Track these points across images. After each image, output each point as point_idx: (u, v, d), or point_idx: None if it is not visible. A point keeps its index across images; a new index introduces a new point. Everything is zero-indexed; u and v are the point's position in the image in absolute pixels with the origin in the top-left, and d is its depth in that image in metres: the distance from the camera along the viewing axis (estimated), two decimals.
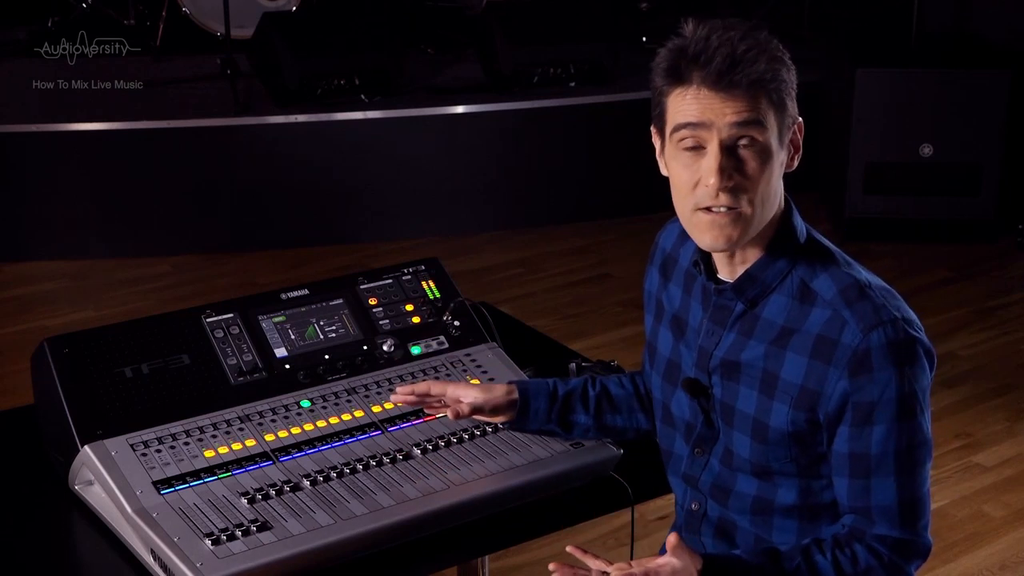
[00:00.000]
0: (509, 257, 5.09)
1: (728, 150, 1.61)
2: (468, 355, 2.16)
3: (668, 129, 1.66)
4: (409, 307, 2.20)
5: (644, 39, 6.10)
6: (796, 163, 1.70)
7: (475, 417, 1.96)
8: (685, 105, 1.62)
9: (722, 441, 1.76)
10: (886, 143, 5.05)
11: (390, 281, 2.22)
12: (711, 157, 1.61)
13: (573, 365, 2.22)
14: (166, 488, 1.81)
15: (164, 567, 1.69)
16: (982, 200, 5.09)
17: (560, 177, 5.45)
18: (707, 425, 1.77)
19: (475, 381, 2.10)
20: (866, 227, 5.08)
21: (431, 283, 2.24)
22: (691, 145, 1.63)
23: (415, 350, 2.14)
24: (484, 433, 1.99)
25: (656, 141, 1.72)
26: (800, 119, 1.69)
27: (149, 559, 1.73)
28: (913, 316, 1.67)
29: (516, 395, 1.94)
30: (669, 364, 1.84)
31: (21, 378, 2.43)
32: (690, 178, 1.64)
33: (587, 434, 1.97)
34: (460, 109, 5.25)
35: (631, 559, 1.99)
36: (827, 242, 1.74)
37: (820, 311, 1.65)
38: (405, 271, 2.24)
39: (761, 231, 1.68)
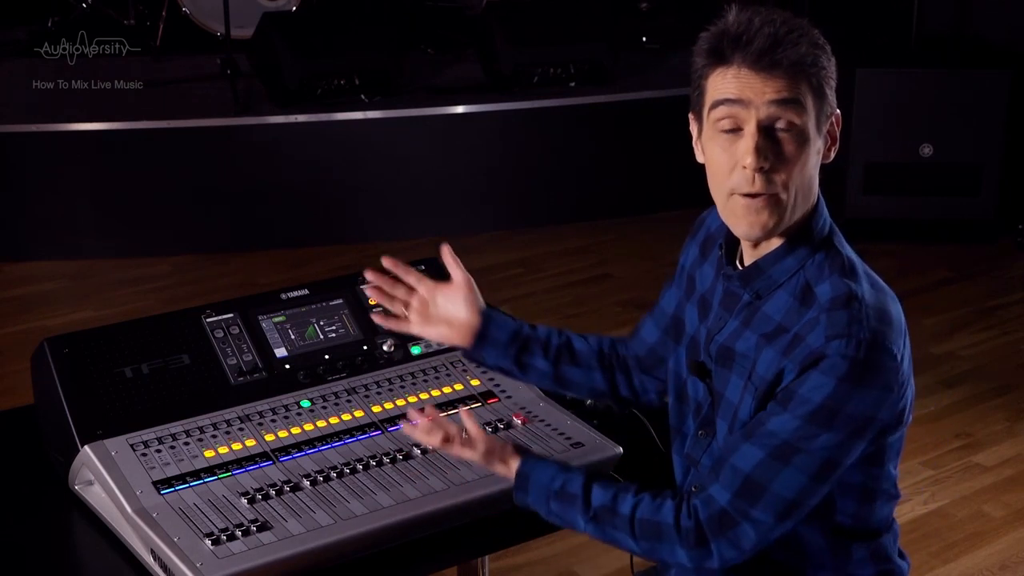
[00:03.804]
0: (509, 257, 5.09)
1: (766, 131, 1.60)
2: None
3: (706, 108, 1.64)
4: None
5: (644, 39, 6.10)
6: (832, 155, 1.70)
7: (427, 333, 1.97)
8: (725, 84, 1.61)
9: None
10: (886, 143, 5.05)
11: None
12: (748, 137, 1.60)
13: None
14: (166, 488, 1.81)
15: (164, 567, 1.69)
16: (982, 200, 5.10)
17: (560, 177, 5.45)
18: (713, 408, 1.77)
19: (476, 382, 2.10)
20: (866, 227, 5.08)
21: None
22: (729, 127, 1.62)
23: (415, 350, 2.14)
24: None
25: (693, 127, 1.71)
26: (838, 111, 1.69)
27: (149, 559, 1.73)
28: (894, 347, 1.59)
29: (480, 317, 1.94)
30: (692, 342, 1.84)
31: (21, 378, 2.42)
32: (727, 161, 1.63)
33: (543, 381, 1.98)
34: (460, 109, 5.25)
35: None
36: (848, 250, 1.71)
37: (811, 313, 1.63)
38: None
39: (790, 224, 1.67)
